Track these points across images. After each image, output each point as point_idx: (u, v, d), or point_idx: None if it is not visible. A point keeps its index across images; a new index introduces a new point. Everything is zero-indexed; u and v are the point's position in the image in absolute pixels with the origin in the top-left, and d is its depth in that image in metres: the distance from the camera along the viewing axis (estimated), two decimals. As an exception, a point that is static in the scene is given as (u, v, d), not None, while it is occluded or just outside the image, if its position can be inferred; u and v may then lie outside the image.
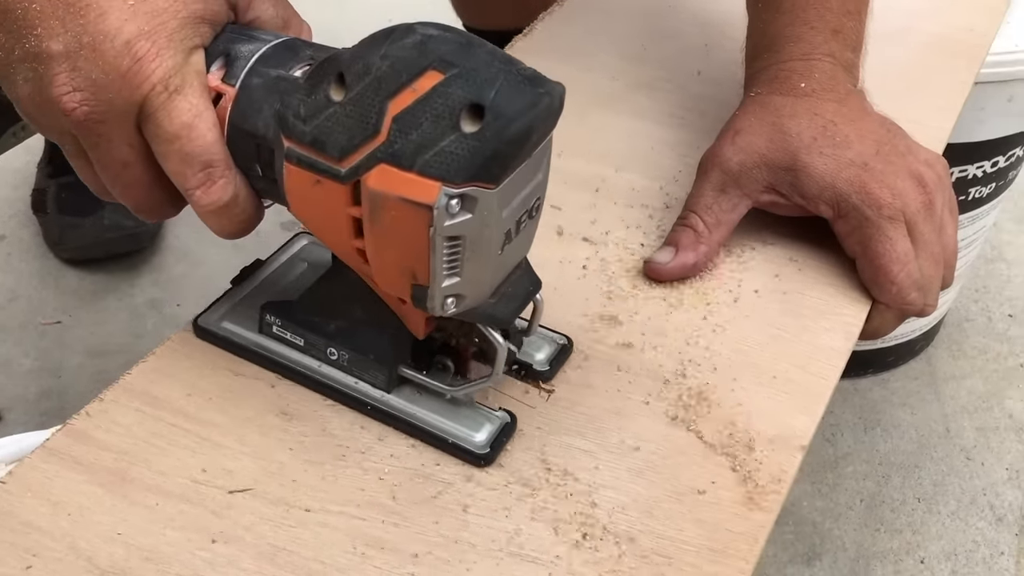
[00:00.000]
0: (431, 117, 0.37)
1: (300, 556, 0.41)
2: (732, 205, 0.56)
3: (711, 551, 0.42)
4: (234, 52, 0.42)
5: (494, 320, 0.43)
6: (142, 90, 0.40)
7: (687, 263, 0.55)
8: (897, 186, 0.54)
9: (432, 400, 0.47)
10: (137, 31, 0.39)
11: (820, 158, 0.54)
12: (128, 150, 0.42)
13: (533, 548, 0.42)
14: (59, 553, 0.41)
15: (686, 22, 0.77)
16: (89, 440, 0.45)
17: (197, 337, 0.49)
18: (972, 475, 1.10)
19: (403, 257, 0.39)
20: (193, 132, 0.41)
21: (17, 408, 1.10)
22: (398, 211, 0.38)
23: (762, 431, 0.47)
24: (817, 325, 0.53)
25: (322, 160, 0.39)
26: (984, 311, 1.28)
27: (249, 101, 0.41)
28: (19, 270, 1.25)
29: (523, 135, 0.37)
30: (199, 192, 0.42)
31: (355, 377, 0.47)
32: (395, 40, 0.38)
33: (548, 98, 0.38)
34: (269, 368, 0.48)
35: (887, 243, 0.54)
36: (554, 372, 0.49)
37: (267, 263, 0.53)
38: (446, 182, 0.37)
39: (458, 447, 0.45)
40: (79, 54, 0.39)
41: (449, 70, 0.37)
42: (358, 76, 0.38)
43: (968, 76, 0.73)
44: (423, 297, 0.40)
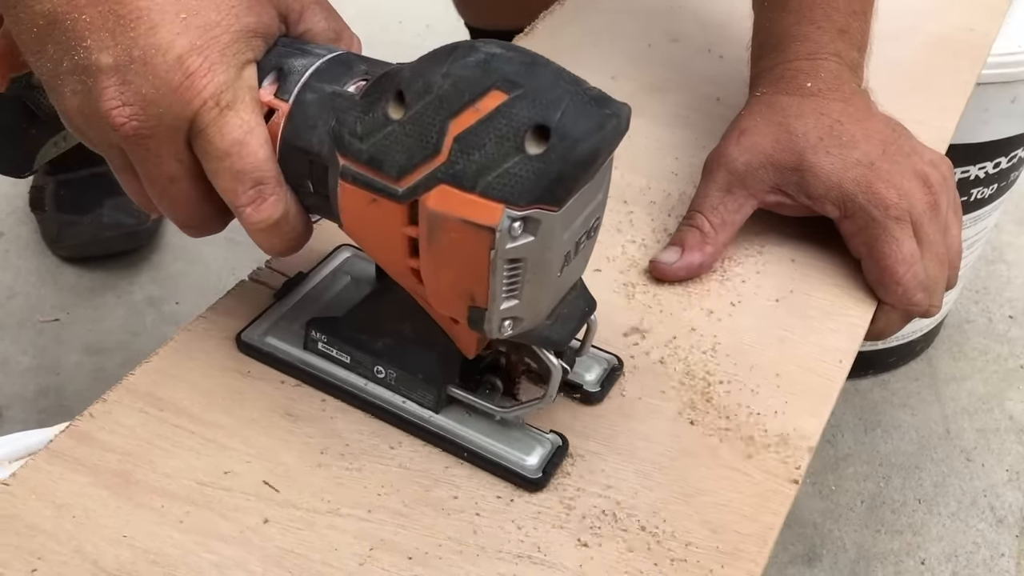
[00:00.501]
0: (495, 138, 0.36)
1: (308, 559, 0.41)
2: (738, 205, 0.56)
3: (720, 553, 0.42)
4: (287, 67, 0.41)
5: (550, 342, 0.42)
6: (193, 106, 0.39)
7: (693, 263, 0.54)
8: (903, 186, 0.54)
9: (481, 421, 0.46)
10: (189, 45, 0.39)
11: (826, 158, 0.54)
12: (176, 165, 0.41)
13: (540, 550, 0.42)
14: (64, 556, 0.40)
15: (689, 22, 0.77)
16: (93, 442, 0.45)
17: (240, 352, 0.48)
18: (972, 476, 1.10)
19: (461, 279, 0.38)
20: (244, 149, 0.40)
21: (15, 406, 1.09)
22: (458, 233, 0.37)
23: (770, 432, 0.47)
24: (823, 326, 0.53)
25: (379, 179, 0.38)
26: (985, 312, 1.28)
27: (303, 117, 0.40)
28: (17, 267, 1.25)
29: (589, 157, 0.36)
30: (250, 210, 0.41)
31: (403, 396, 0.46)
32: (457, 58, 0.37)
33: (615, 119, 0.37)
34: (314, 385, 0.47)
35: (893, 244, 0.53)
36: (605, 393, 0.48)
37: (309, 276, 0.52)
38: (509, 204, 0.36)
39: (509, 470, 0.44)
40: (129, 68, 0.38)
41: (513, 90, 0.36)
42: (418, 94, 0.37)
43: (970, 76, 0.72)
44: (480, 319, 0.39)
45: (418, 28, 1.66)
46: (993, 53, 0.79)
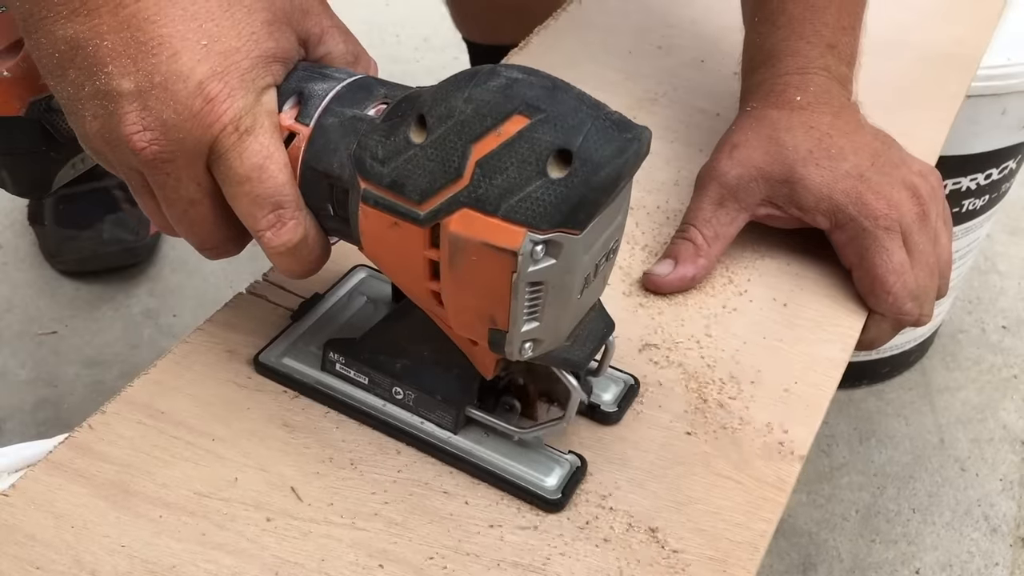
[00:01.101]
0: (517, 162, 0.36)
1: (304, 568, 0.41)
2: (730, 219, 0.57)
3: (711, 560, 0.43)
4: (308, 91, 0.41)
5: (569, 364, 0.42)
6: (213, 131, 0.40)
7: (686, 276, 0.55)
8: (893, 197, 0.55)
9: (499, 442, 0.46)
10: (210, 72, 0.39)
11: (816, 170, 0.55)
12: (196, 188, 0.41)
13: (533, 559, 0.42)
14: (63, 566, 0.41)
15: (681, 36, 0.78)
16: (92, 453, 0.45)
17: (258, 373, 0.48)
18: (967, 486, 1.10)
19: (482, 302, 0.39)
20: (264, 174, 0.40)
21: (13, 418, 1.09)
22: (480, 256, 0.37)
23: (761, 441, 0.48)
24: (814, 336, 0.54)
25: (400, 203, 0.39)
26: (978, 322, 1.29)
27: (324, 141, 0.41)
28: (15, 280, 1.25)
29: (611, 181, 0.37)
30: (269, 234, 0.42)
31: (421, 417, 0.46)
32: (479, 83, 0.37)
33: (637, 144, 0.37)
34: (332, 407, 0.47)
35: (884, 254, 0.54)
36: (622, 413, 0.48)
37: (325, 297, 0.52)
38: (532, 228, 0.36)
39: (528, 491, 0.44)
40: (151, 93, 0.39)
41: (535, 115, 0.36)
42: (440, 119, 0.37)
43: (960, 89, 0.73)
44: (501, 342, 0.40)
45: (415, 42, 1.67)
46: (983, 66, 0.80)
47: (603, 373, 0.47)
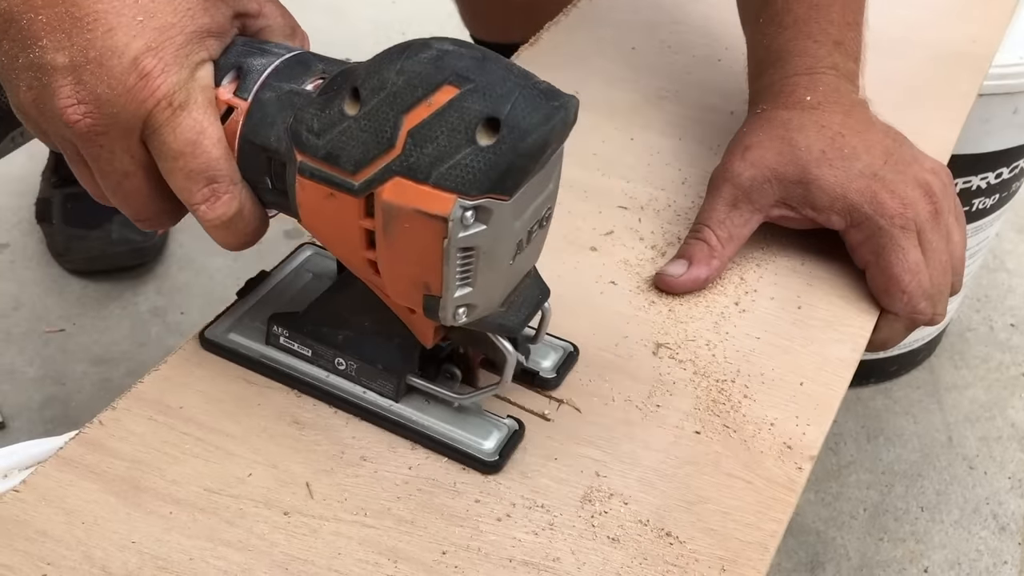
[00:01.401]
0: (447, 131, 0.37)
1: (314, 565, 0.41)
2: (744, 220, 0.56)
3: (721, 560, 0.43)
4: (246, 66, 0.42)
5: (504, 329, 0.43)
6: (146, 106, 0.40)
7: (699, 277, 0.55)
8: (907, 195, 0.55)
9: (440, 409, 0.47)
10: (144, 47, 0.39)
11: (830, 170, 0.55)
12: (129, 161, 0.42)
13: (544, 557, 0.42)
14: (73, 562, 0.41)
15: (690, 34, 0.77)
16: (102, 449, 0.45)
17: (204, 349, 0.49)
18: (975, 484, 1.10)
19: (416, 268, 0.40)
20: (197, 149, 0.41)
21: (21, 416, 1.10)
22: (412, 223, 0.38)
23: (771, 441, 0.48)
24: (825, 336, 0.54)
25: (336, 174, 0.39)
26: (986, 321, 1.29)
27: (262, 115, 0.42)
28: (23, 278, 1.25)
29: (538, 148, 0.38)
30: (204, 207, 0.42)
31: (363, 387, 0.47)
32: (411, 55, 0.38)
33: (563, 111, 0.38)
34: (277, 379, 0.48)
35: (899, 253, 0.54)
36: (561, 379, 0.49)
37: (272, 274, 0.53)
38: (461, 194, 0.37)
39: (467, 455, 0.45)
40: (85, 68, 0.39)
41: (465, 85, 0.37)
42: (373, 91, 0.38)
43: (971, 88, 0.73)
44: (435, 307, 0.41)
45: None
46: (995, 64, 0.80)
47: (541, 340, 0.48)
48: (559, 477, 0.45)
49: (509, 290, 0.43)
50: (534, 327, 0.47)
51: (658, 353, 0.52)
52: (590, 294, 0.55)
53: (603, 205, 0.62)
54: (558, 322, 0.53)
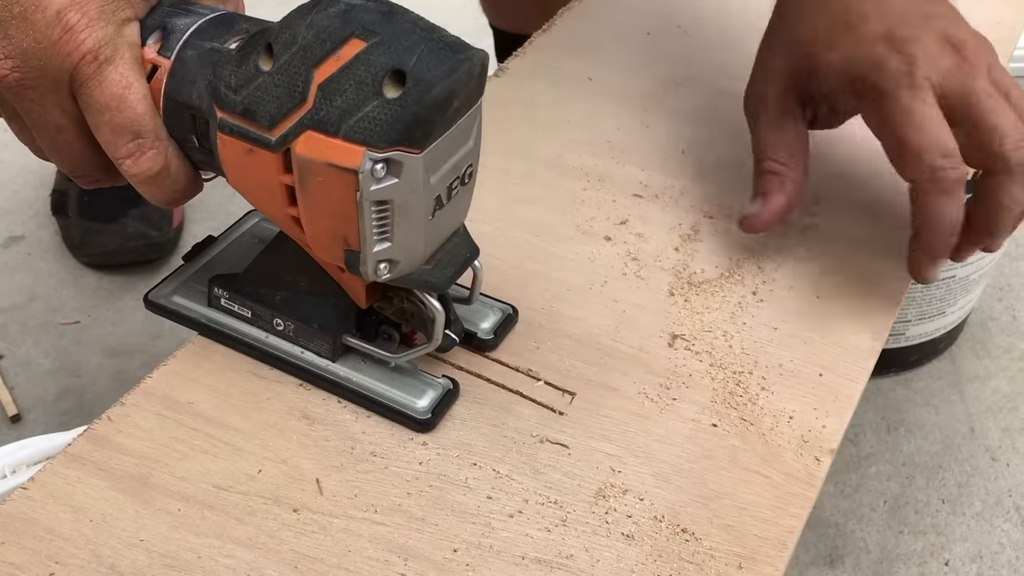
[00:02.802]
0: (355, 84, 0.37)
1: (324, 563, 0.41)
2: (794, 134, 0.54)
3: (738, 557, 0.42)
4: (171, 25, 0.43)
5: (429, 286, 0.44)
6: (72, 59, 0.40)
7: (780, 205, 0.53)
8: (917, 52, 0.49)
9: (376, 369, 0.47)
10: (68, 2, 0.40)
11: (834, 51, 0.51)
12: (61, 115, 0.42)
13: (557, 554, 0.41)
14: (82, 560, 0.40)
15: (708, 18, 0.76)
16: (111, 445, 0.45)
17: (147, 310, 0.50)
18: (997, 476, 1.08)
19: (334, 223, 0.40)
20: (123, 103, 0.41)
21: (36, 408, 1.10)
22: (325, 177, 0.39)
23: (790, 434, 0.47)
24: (845, 326, 0.53)
25: (253, 129, 0.40)
26: (1009, 310, 1.27)
27: (184, 73, 0.42)
28: (38, 270, 1.26)
29: (444, 100, 0.38)
30: (129, 162, 0.43)
31: (300, 347, 0.48)
32: (320, 9, 0.39)
33: (468, 63, 0.38)
34: (219, 341, 0.49)
35: (902, 113, 0.48)
36: (498, 341, 0.50)
37: (219, 240, 0.54)
38: (370, 147, 0.38)
39: (400, 413, 0.46)
40: (10, 23, 0.40)
41: (371, 38, 0.38)
42: (285, 45, 0.39)
43: (995, 71, 0.71)
44: (356, 262, 0.41)
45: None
46: (1019, 47, 0.78)
47: (474, 301, 0.48)
48: (572, 472, 0.45)
49: (433, 247, 0.43)
50: (467, 287, 0.48)
51: (674, 344, 0.51)
52: (604, 284, 0.54)
53: (617, 194, 0.60)
54: (571, 313, 0.52)
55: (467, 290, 0.48)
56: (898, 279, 0.56)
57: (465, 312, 0.49)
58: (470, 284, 0.48)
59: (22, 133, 0.45)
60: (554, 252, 0.56)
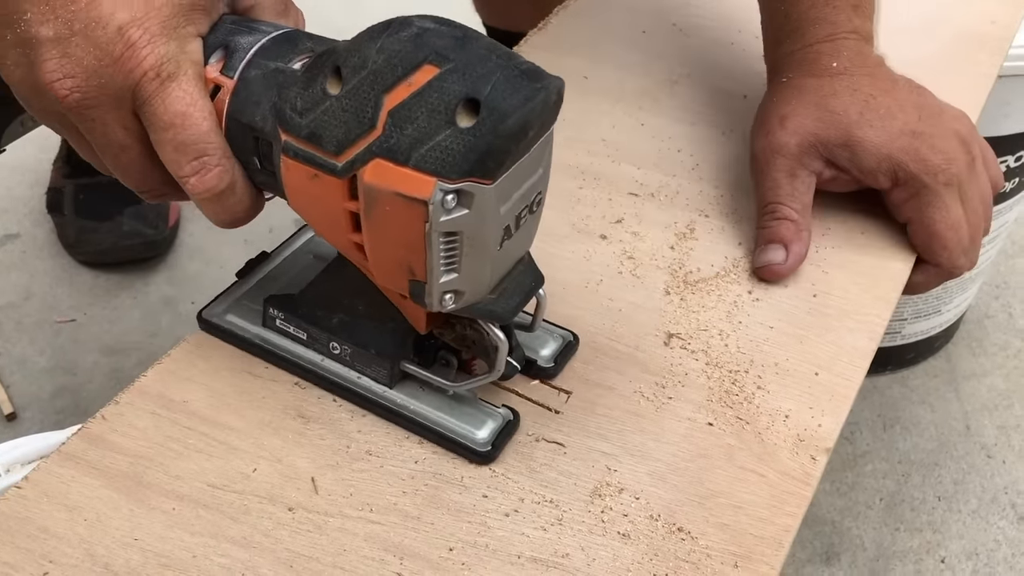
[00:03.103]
0: (427, 112, 0.36)
1: (319, 562, 0.41)
2: (807, 187, 0.57)
3: (734, 556, 0.42)
4: (233, 44, 0.42)
5: (494, 316, 0.43)
6: (134, 76, 0.40)
7: (801, 254, 0.55)
8: (947, 149, 0.56)
9: (434, 396, 0.46)
10: (130, 18, 0.39)
11: (872, 131, 0.55)
12: (124, 133, 0.42)
13: (553, 553, 0.41)
14: (75, 559, 0.40)
15: (703, 17, 0.76)
16: (105, 444, 0.45)
17: (202, 330, 0.49)
18: (993, 473, 1.09)
19: (400, 252, 0.39)
20: (187, 120, 0.41)
21: (32, 407, 1.10)
22: (393, 206, 0.37)
23: (786, 433, 0.47)
24: (841, 325, 0.53)
25: (319, 154, 0.39)
26: (1005, 307, 1.27)
27: (248, 94, 0.41)
28: (34, 268, 1.25)
29: (519, 130, 0.37)
30: (193, 180, 0.42)
31: (357, 372, 0.47)
32: (391, 33, 0.38)
33: (544, 92, 0.37)
34: (272, 362, 0.48)
35: (943, 210, 0.55)
36: (559, 369, 0.49)
37: (272, 256, 0.52)
38: (441, 177, 0.36)
39: (460, 444, 0.44)
40: (71, 40, 0.39)
41: (444, 64, 0.36)
42: (354, 69, 0.38)
43: (991, 69, 0.71)
44: (421, 293, 0.40)
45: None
46: (1015, 45, 0.78)
47: (536, 328, 0.47)
48: (568, 471, 0.45)
49: (499, 277, 0.42)
50: (530, 313, 0.46)
51: (669, 343, 0.51)
52: (600, 283, 0.54)
53: (613, 192, 0.60)
54: (567, 312, 0.52)
55: (530, 316, 0.47)
56: (893, 279, 0.56)
57: (525, 338, 0.48)
58: (533, 310, 0.46)
59: (86, 152, 0.44)
60: (550, 251, 0.56)
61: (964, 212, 0.56)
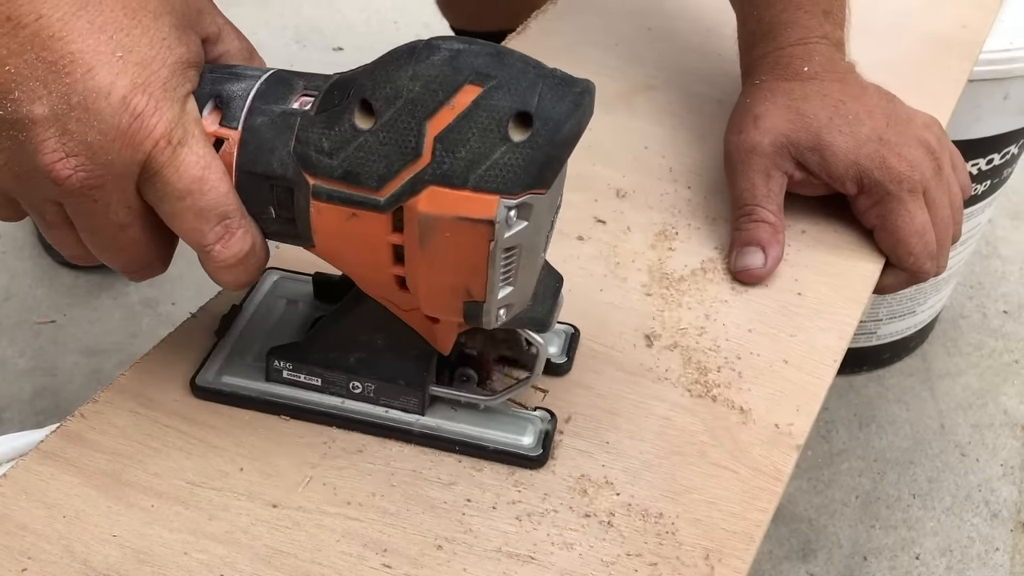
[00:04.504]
0: (478, 132, 0.36)
1: (297, 558, 0.41)
2: (780, 187, 0.57)
3: (707, 550, 0.42)
4: (225, 93, 0.39)
5: (535, 323, 0.43)
6: (145, 148, 0.37)
7: (778, 257, 0.56)
8: (912, 157, 0.56)
9: (466, 413, 0.46)
10: (131, 85, 0.36)
11: (840, 136, 0.56)
12: (126, 212, 0.39)
13: (530, 548, 0.42)
14: (54, 556, 0.41)
15: (680, 20, 0.77)
16: (83, 442, 0.45)
17: (197, 398, 0.47)
18: (967, 471, 1.10)
19: (458, 277, 0.38)
20: (205, 185, 0.38)
21: (12, 407, 1.10)
22: (453, 231, 0.37)
23: (758, 430, 0.48)
24: (813, 324, 0.53)
25: (357, 192, 0.38)
26: (979, 307, 1.29)
27: (258, 142, 0.39)
28: (13, 268, 1.25)
29: (573, 137, 0.37)
30: (219, 247, 0.39)
31: (384, 406, 0.46)
32: (421, 59, 0.37)
33: (588, 96, 0.38)
34: (287, 415, 0.46)
35: (907, 216, 0.56)
36: (572, 362, 0.49)
37: (244, 307, 0.50)
38: (504, 194, 0.36)
39: (510, 454, 0.45)
40: (70, 116, 0.36)
41: (487, 82, 0.36)
42: (387, 101, 0.37)
43: (961, 74, 0.73)
44: (477, 313, 0.39)
45: (415, 28, 1.66)
46: (985, 50, 0.79)
47: (552, 327, 0.47)
48: (547, 467, 0.45)
49: (536, 282, 0.42)
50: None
51: (647, 342, 0.52)
52: (579, 284, 0.55)
53: (592, 194, 0.61)
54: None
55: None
56: (864, 280, 0.57)
57: None
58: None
59: (66, 239, 0.40)
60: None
61: (932, 218, 0.56)
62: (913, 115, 0.59)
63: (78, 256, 0.41)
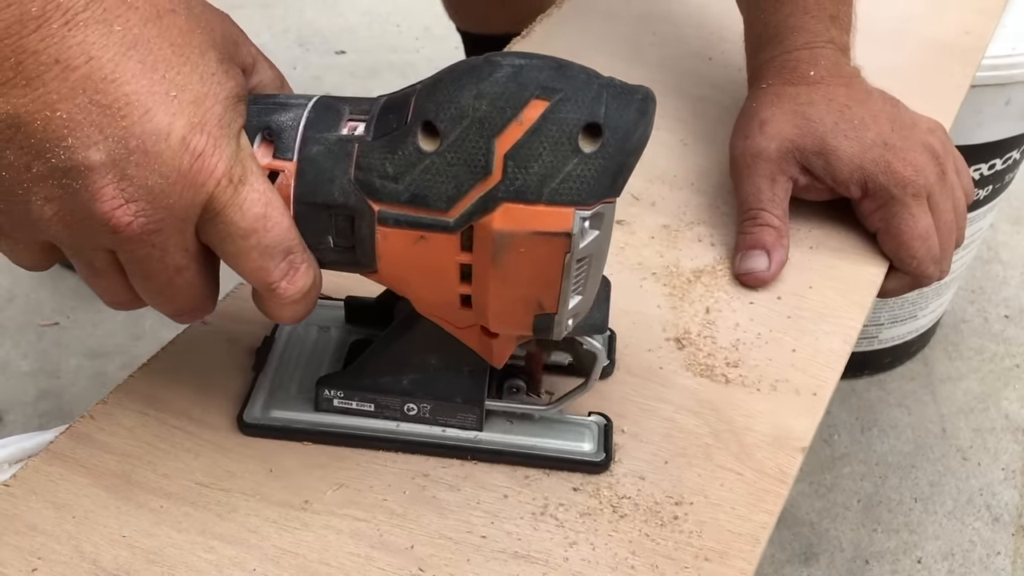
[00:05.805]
0: (549, 146, 0.36)
1: (305, 558, 0.41)
2: (785, 192, 0.58)
3: (712, 551, 0.43)
4: (275, 124, 0.39)
5: (594, 328, 0.43)
6: (207, 189, 0.36)
7: (783, 261, 0.56)
8: (917, 161, 0.56)
9: (523, 425, 0.47)
10: (189, 124, 0.35)
11: (846, 141, 0.56)
12: (183, 255, 0.37)
13: (535, 549, 0.42)
14: (64, 556, 0.41)
15: (684, 25, 0.77)
16: (93, 443, 0.45)
17: (246, 435, 0.46)
18: (969, 475, 1.10)
19: (529, 291, 0.38)
20: (269, 222, 0.37)
21: (15, 410, 1.10)
22: (528, 246, 0.37)
23: (762, 432, 0.48)
24: (817, 328, 0.54)
25: (425, 215, 0.37)
26: (980, 312, 1.29)
27: (316, 172, 0.38)
28: (16, 271, 1.25)
29: (641, 144, 0.37)
30: (284, 283, 0.38)
31: (441, 426, 0.46)
32: (483, 76, 0.37)
33: (651, 102, 0.38)
34: (341, 444, 0.46)
35: (911, 220, 0.56)
36: (614, 363, 0.50)
37: (276, 338, 0.50)
38: (579, 205, 0.36)
39: (573, 462, 0.45)
40: (128, 160, 0.34)
41: (553, 96, 0.36)
42: (453, 121, 0.37)
43: (964, 80, 0.73)
44: (548, 325, 0.40)
45: (416, 31, 1.66)
46: (987, 55, 0.79)
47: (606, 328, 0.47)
48: (551, 469, 0.45)
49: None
50: None
51: (652, 345, 0.52)
52: (582, 287, 0.55)
53: (595, 197, 0.61)
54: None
55: None
56: (868, 284, 0.57)
57: None
58: None
59: (114, 285, 0.39)
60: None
61: (935, 222, 0.57)
62: (917, 120, 0.59)
63: (123, 302, 0.40)
